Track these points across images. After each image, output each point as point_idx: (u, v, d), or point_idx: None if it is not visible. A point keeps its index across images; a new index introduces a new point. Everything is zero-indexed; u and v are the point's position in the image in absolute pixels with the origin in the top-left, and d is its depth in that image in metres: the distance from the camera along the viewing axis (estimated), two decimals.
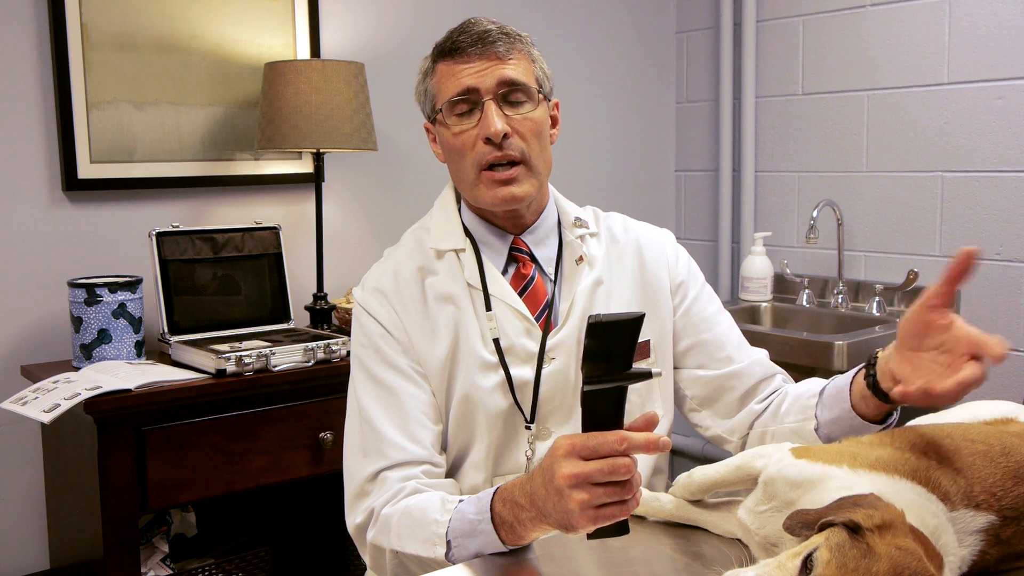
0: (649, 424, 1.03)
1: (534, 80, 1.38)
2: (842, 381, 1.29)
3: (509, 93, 1.35)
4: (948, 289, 1.06)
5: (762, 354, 1.48)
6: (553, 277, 1.42)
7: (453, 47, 1.35)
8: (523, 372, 1.36)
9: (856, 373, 1.26)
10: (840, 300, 2.85)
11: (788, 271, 2.98)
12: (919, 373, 1.08)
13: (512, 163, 1.35)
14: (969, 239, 2.63)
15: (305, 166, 2.61)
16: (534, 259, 1.43)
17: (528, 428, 1.37)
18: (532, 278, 1.41)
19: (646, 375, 1.01)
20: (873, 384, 1.20)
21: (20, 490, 2.27)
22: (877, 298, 2.75)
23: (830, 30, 2.92)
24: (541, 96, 1.38)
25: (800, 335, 2.59)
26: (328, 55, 2.62)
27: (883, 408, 1.23)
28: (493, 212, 1.41)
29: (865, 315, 2.75)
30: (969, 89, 2.60)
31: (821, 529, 0.86)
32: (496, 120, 1.32)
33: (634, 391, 1.38)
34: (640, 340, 1.02)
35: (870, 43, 2.81)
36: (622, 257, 1.47)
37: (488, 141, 1.33)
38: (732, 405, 1.44)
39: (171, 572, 2.19)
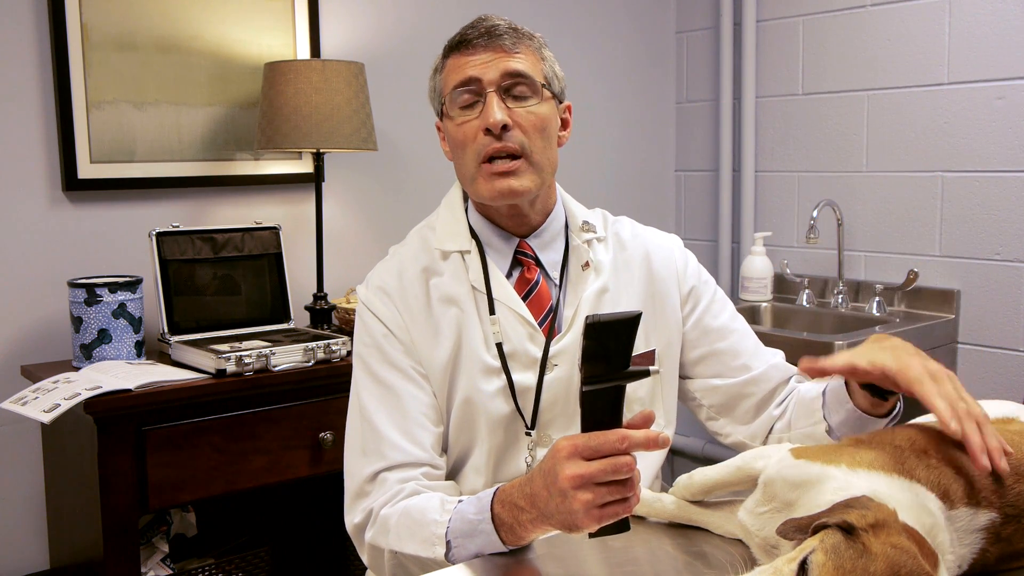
0: (646, 421, 1.03)
1: (541, 75, 1.36)
2: (838, 383, 1.29)
3: (513, 86, 1.33)
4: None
5: (779, 357, 1.46)
6: (558, 282, 1.41)
7: (461, 40, 1.35)
8: (525, 378, 1.35)
9: None
10: (840, 300, 2.85)
11: (788, 271, 2.98)
12: None
13: (513, 156, 1.32)
14: (969, 239, 2.63)
15: (305, 166, 2.61)
16: (539, 263, 1.41)
17: (528, 434, 1.36)
18: (536, 283, 1.39)
19: (644, 373, 1.02)
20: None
21: (20, 490, 2.27)
22: (877, 298, 2.75)
23: (830, 30, 2.92)
24: (548, 93, 1.36)
25: (800, 335, 2.59)
26: (328, 55, 2.62)
27: (878, 401, 1.23)
28: (498, 211, 1.39)
29: (865, 315, 2.75)
30: (969, 89, 2.60)
31: (815, 532, 0.86)
32: (496, 111, 1.31)
33: (636, 401, 1.38)
34: (646, 349, 1.03)
35: (870, 43, 2.81)
36: (629, 264, 1.44)
37: (488, 132, 1.32)
38: (750, 411, 1.42)
39: (171, 572, 2.19)
